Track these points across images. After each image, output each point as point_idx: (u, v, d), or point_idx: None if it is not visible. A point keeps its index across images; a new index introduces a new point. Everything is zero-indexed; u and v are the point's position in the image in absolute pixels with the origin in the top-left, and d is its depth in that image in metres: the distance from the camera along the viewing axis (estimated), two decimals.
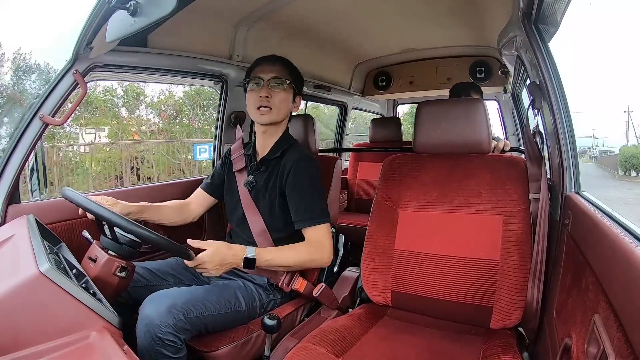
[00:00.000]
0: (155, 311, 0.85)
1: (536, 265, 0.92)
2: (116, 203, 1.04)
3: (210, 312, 0.94)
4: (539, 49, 0.95)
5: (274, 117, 1.14)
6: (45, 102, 1.05)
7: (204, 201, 1.28)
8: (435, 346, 0.95)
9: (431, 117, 1.15)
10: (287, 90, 1.15)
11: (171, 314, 0.86)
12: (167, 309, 0.86)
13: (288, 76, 1.15)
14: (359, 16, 1.65)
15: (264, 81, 1.12)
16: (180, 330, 0.86)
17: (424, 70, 2.47)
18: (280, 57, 1.19)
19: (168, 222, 1.20)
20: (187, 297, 0.92)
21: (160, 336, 0.83)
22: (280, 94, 1.13)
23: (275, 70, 1.14)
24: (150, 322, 0.84)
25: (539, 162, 1.00)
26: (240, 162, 1.23)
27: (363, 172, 2.60)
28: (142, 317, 0.86)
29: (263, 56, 1.19)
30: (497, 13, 1.40)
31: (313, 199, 1.08)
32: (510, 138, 2.64)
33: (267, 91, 1.12)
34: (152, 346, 0.83)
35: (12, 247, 0.82)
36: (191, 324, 0.89)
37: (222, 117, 1.64)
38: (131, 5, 0.74)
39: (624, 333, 0.46)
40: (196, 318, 0.90)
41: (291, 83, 1.15)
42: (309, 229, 1.08)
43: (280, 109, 1.14)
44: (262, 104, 1.12)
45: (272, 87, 1.12)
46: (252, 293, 1.08)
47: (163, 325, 0.84)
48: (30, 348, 0.63)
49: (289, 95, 1.16)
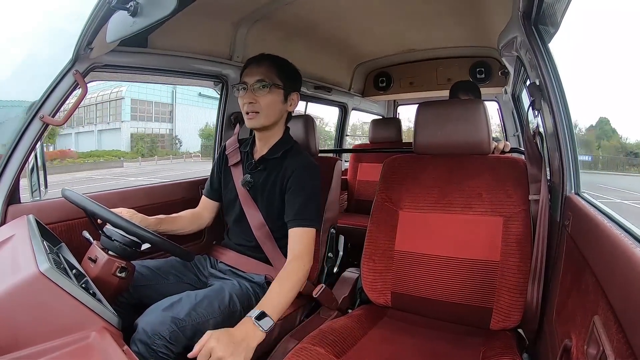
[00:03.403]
0: (149, 324, 0.84)
1: (536, 266, 0.92)
2: (135, 215, 1.03)
3: (203, 318, 0.92)
4: (539, 50, 0.95)
5: (262, 121, 1.12)
6: (45, 102, 1.05)
7: (211, 207, 1.28)
8: (434, 347, 0.95)
9: (431, 118, 1.15)
10: (273, 92, 1.11)
11: (164, 326, 0.85)
12: (160, 321, 0.85)
13: (276, 76, 1.12)
14: (359, 16, 1.65)
15: (249, 85, 1.10)
16: (174, 342, 0.85)
17: (424, 71, 2.48)
18: (268, 55, 1.15)
19: (183, 231, 1.20)
20: (179, 307, 0.90)
21: (155, 348, 0.83)
22: (266, 97, 1.10)
23: (260, 72, 1.10)
24: (144, 335, 0.83)
25: (539, 163, 1.00)
26: (235, 156, 1.22)
27: (363, 173, 2.60)
28: (137, 331, 0.85)
29: (252, 57, 1.16)
30: (497, 14, 1.40)
31: (308, 204, 1.08)
32: (510, 139, 2.64)
33: (251, 96, 1.09)
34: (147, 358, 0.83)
35: (12, 247, 0.82)
36: (184, 335, 0.88)
37: (222, 118, 1.64)
38: (131, 5, 0.74)
39: (624, 334, 0.46)
40: (190, 327, 0.89)
41: (277, 84, 1.11)
42: (296, 229, 1.07)
43: (268, 113, 1.11)
44: (249, 109, 1.10)
45: (256, 90, 1.09)
46: (248, 292, 1.07)
47: (157, 338, 0.83)
48: (29, 348, 0.63)
49: (276, 97, 1.12)
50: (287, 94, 1.15)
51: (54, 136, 20.12)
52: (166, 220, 1.14)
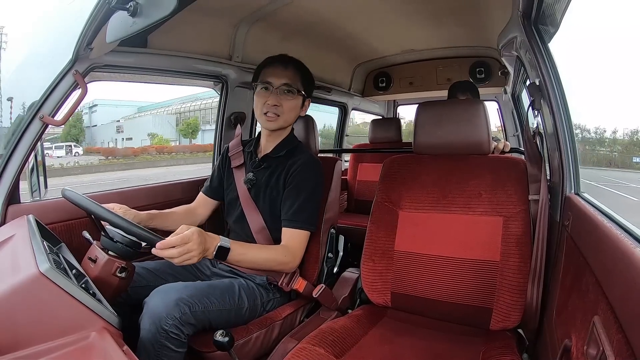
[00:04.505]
0: (162, 303, 0.85)
1: (536, 267, 0.92)
2: (128, 210, 1.04)
3: (214, 307, 0.94)
4: (539, 50, 0.95)
5: (281, 124, 1.13)
6: (45, 103, 1.05)
7: (208, 204, 1.29)
8: (434, 347, 0.95)
9: (431, 118, 1.15)
10: (297, 98, 1.13)
11: (178, 307, 0.86)
12: (174, 301, 0.86)
13: (300, 82, 1.13)
14: (359, 17, 1.65)
15: (274, 87, 1.10)
16: (185, 324, 0.87)
17: (424, 71, 2.48)
18: (292, 58, 1.16)
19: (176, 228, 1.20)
20: (193, 291, 0.92)
21: (166, 328, 0.84)
22: (290, 102, 1.12)
23: (287, 76, 1.11)
24: (157, 313, 0.84)
25: (538, 163, 1.00)
26: (238, 158, 1.23)
27: (363, 173, 2.60)
28: (148, 309, 0.86)
29: (274, 56, 1.16)
30: (497, 14, 1.40)
31: (307, 204, 1.09)
32: (510, 139, 2.64)
33: (276, 99, 1.09)
34: (157, 338, 0.83)
35: (12, 247, 0.82)
36: (196, 319, 0.89)
37: (222, 118, 1.64)
38: (131, 5, 0.74)
39: (624, 334, 0.46)
40: (201, 312, 0.91)
41: (301, 90, 1.13)
42: (290, 230, 1.08)
43: (288, 117, 1.13)
44: (271, 111, 1.10)
45: (282, 93, 1.10)
46: (254, 291, 1.08)
47: (169, 318, 0.84)
48: (29, 348, 0.63)
49: (298, 102, 1.14)
50: (304, 100, 1.18)
51: (195, 132, 23.70)
52: (158, 216, 1.14)
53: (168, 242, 0.81)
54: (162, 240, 0.81)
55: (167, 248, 0.81)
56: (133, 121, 25.76)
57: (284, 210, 1.10)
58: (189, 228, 0.85)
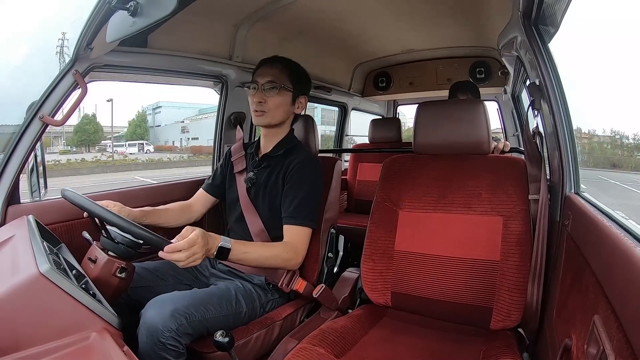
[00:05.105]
0: (158, 315, 0.85)
1: (536, 266, 0.92)
2: (122, 208, 1.04)
3: (212, 315, 0.94)
4: (539, 50, 0.95)
5: (268, 120, 1.16)
6: (45, 103, 1.05)
7: (206, 201, 1.29)
8: (435, 347, 0.95)
9: (431, 118, 1.15)
10: (282, 94, 1.15)
11: (174, 318, 0.85)
12: (170, 313, 0.85)
13: (287, 79, 1.15)
14: (359, 17, 1.65)
15: (259, 85, 1.14)
16: (182, 334, 0.86)
17: (424, 71, 2.48)
18: (282, 58, 1.19)
19: (171, 224, 1.20)
20: (189, 300, 0.92)
21: (163, 340, 0.83)
22: (275, 98, 1.14)
23: (272, 74, 1.14)
24: (153, 326, 0.84)
25: (538, 163, 1.00)
26: (240, 163, 1.25)
27: (363, 173, 2.60)
28: (144, 321, 0.86)
29: (266, 57, 1.20)
30: (497, 14, 1.40)
31: (307, 201, 1.09)
32: (510, 139, 2.64)
33: (260, 96, 1.13)
34: (154, 350, 0.83)
35: (12, 247, 0.82)
36: (193, 328, 0.89)
37: (222, 118, 1.64)
38: (131, 5, 0.74)
39: (624, 333, 0.46)
40: (198, 322, 0.90)
41: (287, 86, 1.15)
42: (291, 227, 1.08)
43: (274, 113, 1.15)
44: (256, 108, 1.14)
45: (266, 91, 1.13)
46: (252, 293, 1.08)
47: (166, 330, 0.83)
48: (30, 349, 0.63)
49: (285, 99, 1.16)
50: (296, 97, 1.19)
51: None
52: (152, 213, 1.13)
53: (176, 246, 0.81)
54: (169, 245, 0.81)
55: (174, 252, 0.81)
56: (198, 122, 26.27)
57: (284, 207, 1.10)
58: (193, 230, 0.85)
